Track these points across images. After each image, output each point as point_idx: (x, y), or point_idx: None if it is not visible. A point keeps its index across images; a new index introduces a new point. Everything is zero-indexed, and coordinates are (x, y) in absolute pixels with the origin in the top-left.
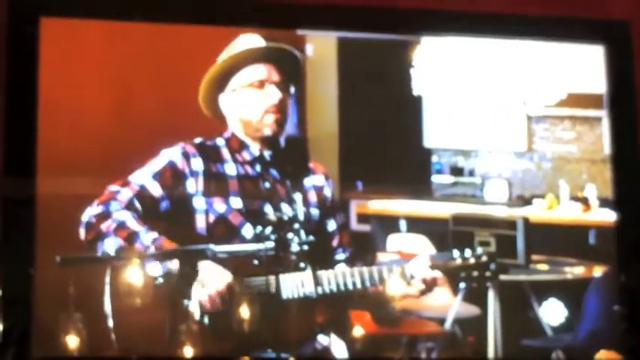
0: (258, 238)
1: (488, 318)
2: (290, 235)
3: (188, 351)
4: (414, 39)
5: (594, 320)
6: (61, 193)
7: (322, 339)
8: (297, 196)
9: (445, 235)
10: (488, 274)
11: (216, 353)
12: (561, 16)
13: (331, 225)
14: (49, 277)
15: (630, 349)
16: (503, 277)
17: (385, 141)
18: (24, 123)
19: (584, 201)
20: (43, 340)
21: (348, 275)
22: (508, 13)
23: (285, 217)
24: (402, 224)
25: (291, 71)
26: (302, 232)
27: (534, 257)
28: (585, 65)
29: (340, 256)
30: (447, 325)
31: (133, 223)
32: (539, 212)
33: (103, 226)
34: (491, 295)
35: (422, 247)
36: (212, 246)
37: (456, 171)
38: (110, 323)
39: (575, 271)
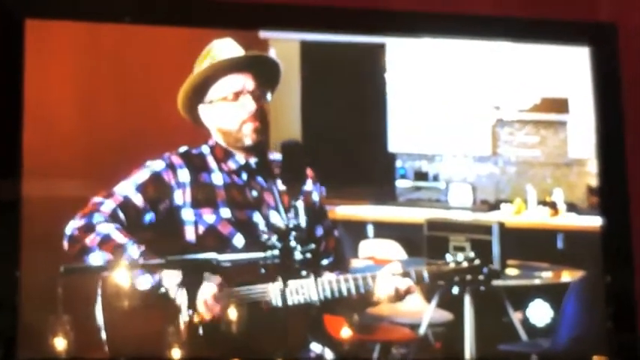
0: (265, 245)
1: (464, 323)
2: (293, 243)
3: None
4: (384, 42)
5: (574, 326)
6: (47, 196)
7: (315, 347)
8: (300, 204)
9: (417, 240)
10: (481, 277)
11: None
12: (548, 18)
13: (319, 230)
14: (37, 279)
15: (617, 350)
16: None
17: (349, 146)
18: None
19: (552, 205)
20: (30, 342)
21: (343, 282)
22: (494, 15)
23: (291, 225)
24: (370, 230)
25: (270, 79)
26: (304, 240)
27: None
28: (550, 69)
29: (325, 261)
30: (422, 330)
31: (117, 236)
32: (507, 217)
33: (88, 240)
34: (467, 301)
35: (394, 252)
36: (215, 255)
37: (420, 176)
38: (103, 335)
39: (549, 275)
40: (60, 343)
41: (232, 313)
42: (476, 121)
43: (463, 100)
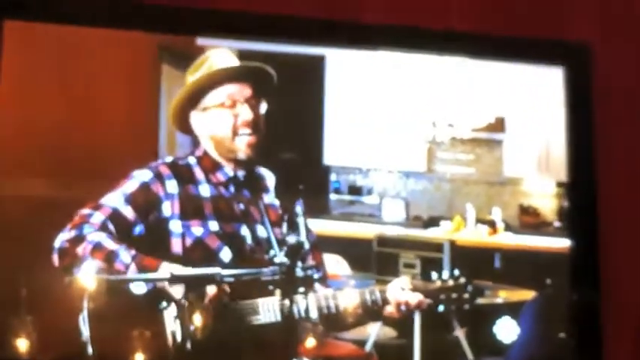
0: (271, 261)
1: (414, 341)
2: (296, 260)
3: None
4: (323, 53)
5: (527, 346)
6: (15, 195)
7: None
8: (300, 219)
9: (364, 255)
10: (466, 296)
11: None
12: (521, 36)
13: (306, 244)
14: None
15: None
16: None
17: (284, 157)
18: None
19: (491, 224)
20: None
21: (346, 296)
22: (461, 30)
23: (294, 241)
24: None
25: (264, 90)
26: (304, 257)
27: None
28: (488, 87)
29: (316, 276)
30: (368, 347)
31: (109, 243)
32: (446, 234)
33: (79, 250)
34: (417, 318)
35: (340, 267)
36: (219, 270)
37: (354, 190)
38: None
39: (499, 295)
40: (22, 344)
41: (225, 327)
42: (412, 137)
43: (400, 115)
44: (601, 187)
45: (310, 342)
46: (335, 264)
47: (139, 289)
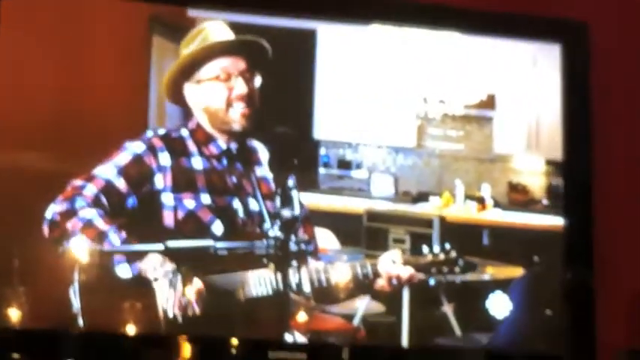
0: (265, 234)
1: (402, 316)
2: (290, 234)
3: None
4: (315, 27)
5: (516, 322)
6: (6, 166)
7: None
8: (295, 193)
9: (353, 230)
10: (457, 269)
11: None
12: (518, 13)
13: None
14: None
15: (574, 345)
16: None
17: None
18: None
19: (480, 200)
20: None
21: (338, 270)
22: (461, 6)
23: (289, 215)
24: None
25: (259, 63)
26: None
27: None
28: (480, 64)
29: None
30: (356, 321)
31: (100, 222)
32: (435, 210)
33: (69, 225)
34: (405, 293)
35: (328, 241)
36: (213, 242)
37: (344, 164)
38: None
39: (487, 271)
40: (14, 314)
41: (217, 300)
42: (402, 113)
43: (391, 90)
44: (596, 165)
45: (301, 316)
46: (324, 238)
47: (124, 273)
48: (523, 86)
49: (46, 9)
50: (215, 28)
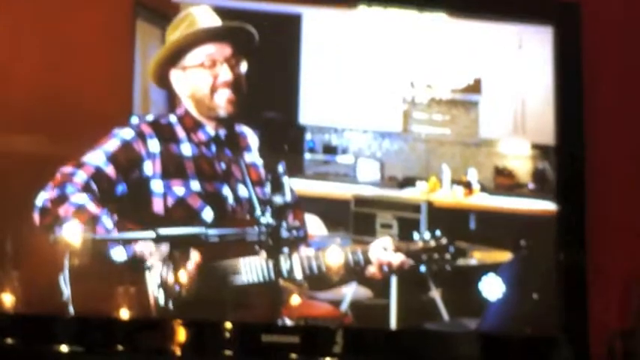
0: (257, 220)
1: (390, 301)
2: (281, 221)
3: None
4: (300, 12)
5: (504, 307)
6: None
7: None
8: (286, 179)
9: (340, 215)
10: (447, 256)
11: None
12: None
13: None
14: None
15: (567, 327)
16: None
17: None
18: None
19: (467, 185)
20: None
21: (328, 256)
22: None
23: (280, 201)
24: None
25: (246, 49)
26: (289, 217)
27: None
28: (465, 47)
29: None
30: (343, 307)
31: (91, 206)
32: (423, 195)
33: (61, 210)
34: (393, 279)
35: (315, 227)
36: (204, 229)
37: (329, 149)
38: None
39: (474, 256)
40: (7, 299)
41: (208, 287)
42: (388, 97)
43: (377, 75)
44: (588, 149)
45: (292, 302)
46: (311, 224)
47: (119, 256)
48: (508, 70)
49: None
50: (201, 13)
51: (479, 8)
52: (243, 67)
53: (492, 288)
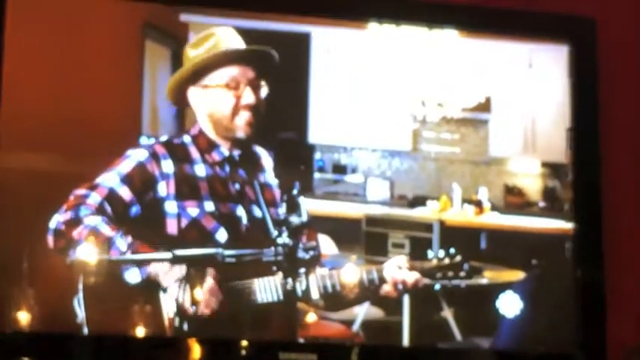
0: (273, 241)
1: (402, 321)
2: (298, 241)
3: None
4: (309, 31)
5: (517, 326)
6: (14, 167)
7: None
8: (302, 199)
9: (352, 235)
10: (462, 274)
11: None
12: (525, 10)
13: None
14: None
15: (585, 344)
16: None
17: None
18: None
19: (478, 204)
20: None
21: (344, 276)
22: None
23: (297, 222)
24: None
25: (267, 73)
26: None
27: None
28: (475, 66)
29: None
30: (355, 327)
31: (105, 229)
32: (434, 214)
33: (75, 233)
34: (406, 299)
35: (328, 246)
36: (221, 250)
37: (339, 168)
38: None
39: (485, 275)
40: (24, 317)
41: (225, 308)
42: (399, 116)
43: (386, 93)
44: (604, 166)
45: (307, 322)
46: (323, 243)
47: (133, 278)
48: (519, 88)
49: (42, 13)
50: (226, 34)
51: (490, 26)
52: (264, 90)
53: (510, 305)
